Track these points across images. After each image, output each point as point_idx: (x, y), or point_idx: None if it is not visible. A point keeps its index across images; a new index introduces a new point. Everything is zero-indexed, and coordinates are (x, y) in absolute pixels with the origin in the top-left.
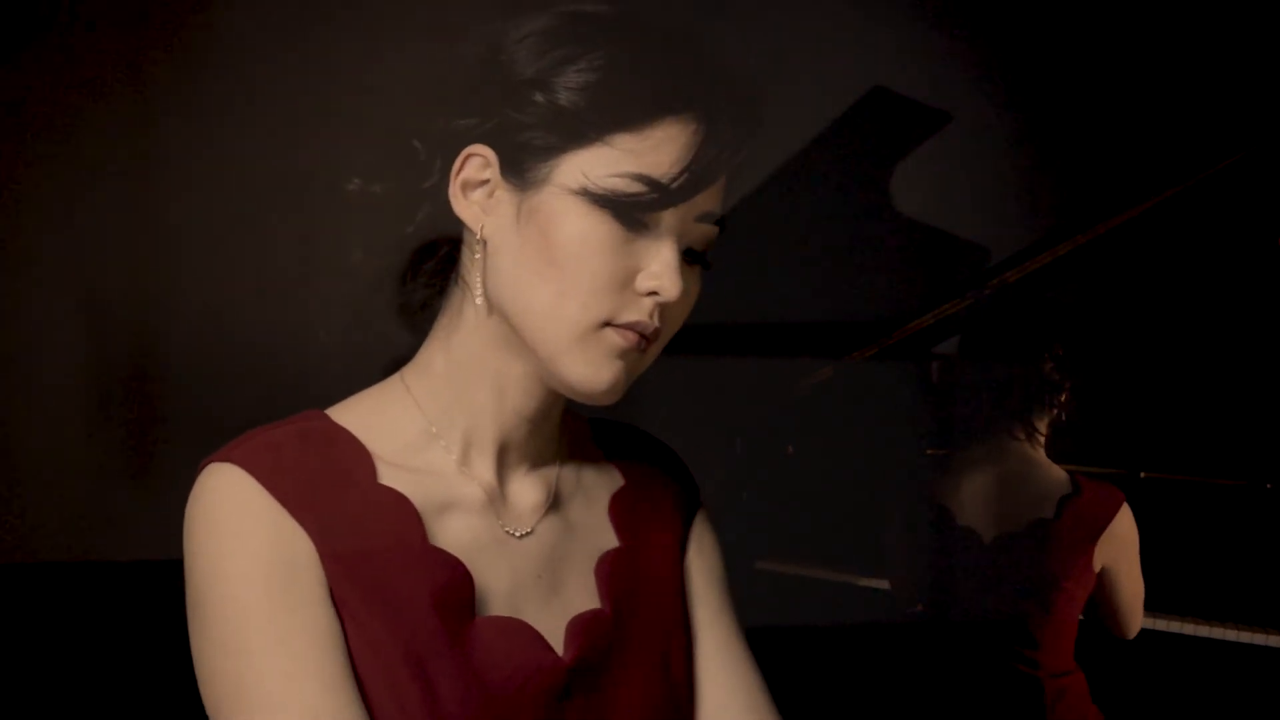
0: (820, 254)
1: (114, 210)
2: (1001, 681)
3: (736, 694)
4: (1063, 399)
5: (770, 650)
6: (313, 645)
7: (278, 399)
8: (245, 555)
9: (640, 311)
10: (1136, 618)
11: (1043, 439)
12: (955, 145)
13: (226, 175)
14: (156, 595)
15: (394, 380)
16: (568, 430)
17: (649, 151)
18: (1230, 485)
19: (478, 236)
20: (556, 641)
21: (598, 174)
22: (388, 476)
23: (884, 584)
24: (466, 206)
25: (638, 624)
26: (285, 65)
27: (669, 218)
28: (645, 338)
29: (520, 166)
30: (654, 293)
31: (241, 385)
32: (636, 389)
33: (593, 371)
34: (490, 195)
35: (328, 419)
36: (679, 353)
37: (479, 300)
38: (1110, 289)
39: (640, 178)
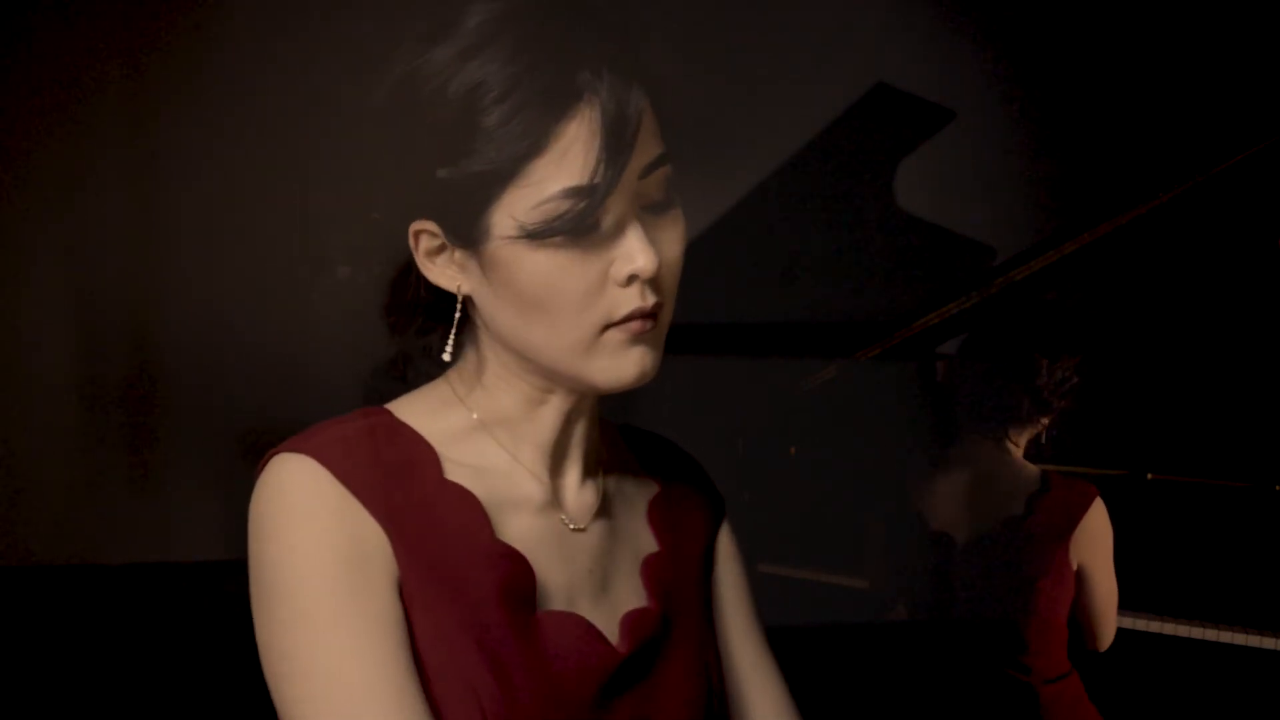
0: (822, 252)
1: (111, 214)
2: (996, 688)
3: (773, 706)
4: (1053, 414)
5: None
6: (377, 629)
7: (275, 402)
8: (318, 540)
9: (630, 301)
10: (1109, 625)
11: (1018, 445)
12: (958, 143)
13: (224, 177)
14: (153, 598)
15: (441, 383)
16: (605, 434)
17: (561, 162)
18: (1237, 487)
19: (459, 299)
20: (609, 635)
21: (525, 211)
22: (453, 472)
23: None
24: (439, 274)
25: (678, 622)
26: (286, 64)
27: (613, 199)
28: (649, 315)
29: (459, 230)
30: (634, 275)
31: (238, 388)
32: (639, 389)
33: (617, 369)
34: (453, 258)
35: (391, 415)
36: (680, 352)
37: (485, 347)
38: (1112, 290)
39: (566, 192)
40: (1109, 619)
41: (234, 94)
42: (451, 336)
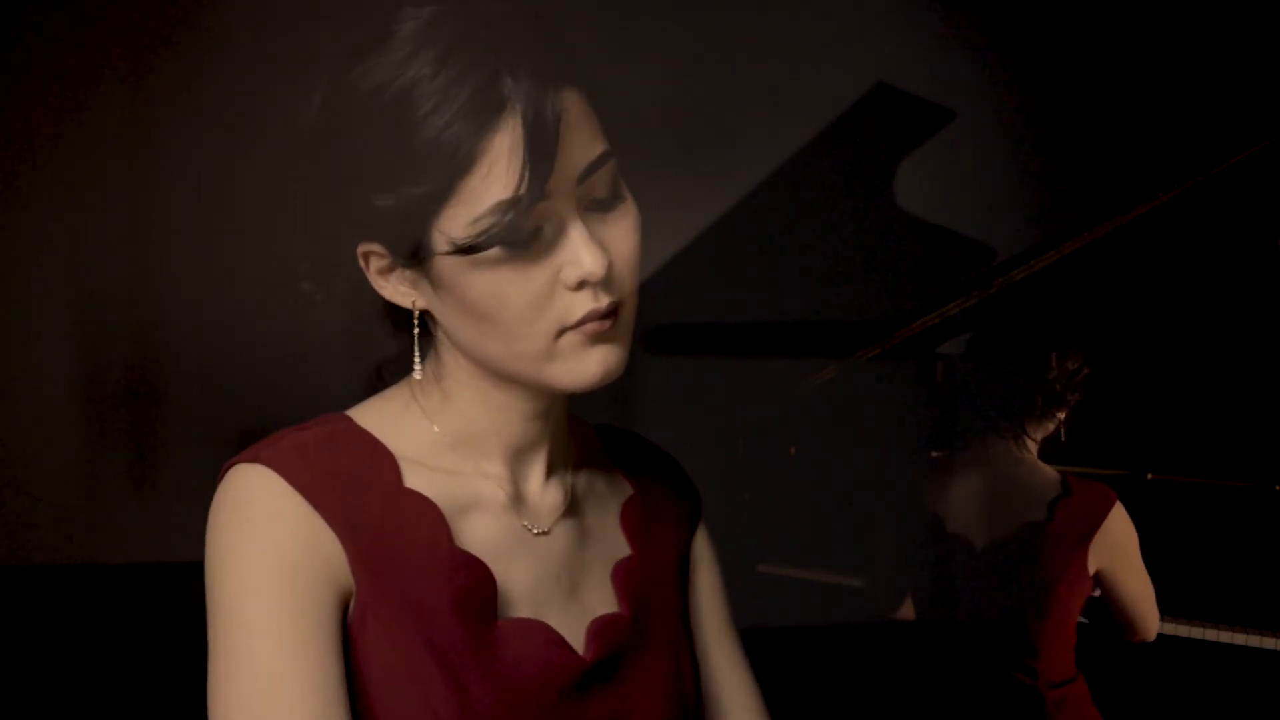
0: (822, 252)
1: (112, 214)
2: (1000, 691)
3: (748, 712)
4: (1067, 407)
5: (768, 655)
6: (308, 642)
7: (276, 404)
8: (264, 550)
9: (583, 304)
10: (1151, 618)
11: (1036, 442)
12: (958, 143)
13: (225, 178)
14: (153, 598)
15: (402, 388)
16: (577, 435)
17: (489, 176)
18: (1237, 487)
19: (414, 315)
20: (576, 642)
21: (461, 228)
22: (412, 478)
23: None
24: (393, 292)
25: (650, 628)
26: (286, 64)
27: (551, 206)
28: (607, 315)
29: (402, 251)
30: (584, 280)
31: (238, 388)
32: (638, 389)
33: (578, 371)
34: (404, 276)
35: (351, 421)
36: (680, 353)
37: (445, 353)
38: (1111, 290)
39: (496, 207)
40: (1150, 614)
41: (234, 94)
42: (416, 352)
